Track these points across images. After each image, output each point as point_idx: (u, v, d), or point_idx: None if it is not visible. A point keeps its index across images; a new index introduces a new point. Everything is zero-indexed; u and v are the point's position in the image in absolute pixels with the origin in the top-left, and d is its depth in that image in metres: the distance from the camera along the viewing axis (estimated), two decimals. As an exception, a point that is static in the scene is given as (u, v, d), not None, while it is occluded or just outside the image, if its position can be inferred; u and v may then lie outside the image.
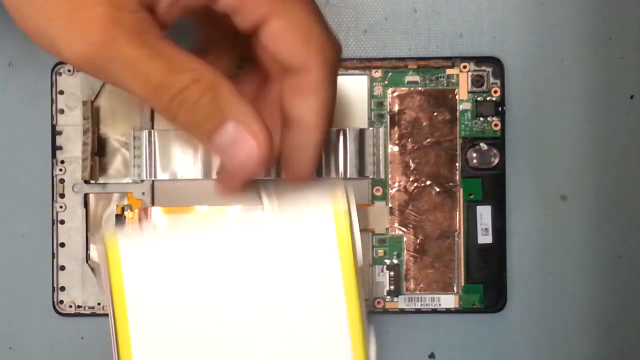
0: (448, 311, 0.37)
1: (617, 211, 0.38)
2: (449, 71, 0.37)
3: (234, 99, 0.24)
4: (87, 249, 0.37)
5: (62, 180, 0.37)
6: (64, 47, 0.24)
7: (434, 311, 0.37)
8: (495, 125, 0.37)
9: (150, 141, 0.37)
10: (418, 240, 0.37)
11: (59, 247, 0.37)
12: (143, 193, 0.37)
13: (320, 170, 0.37)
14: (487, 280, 0.37)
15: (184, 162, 0.37)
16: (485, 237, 0.37)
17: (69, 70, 0.37)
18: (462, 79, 0.37)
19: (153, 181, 0.37)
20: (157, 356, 0.28)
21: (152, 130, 0.37)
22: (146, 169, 0.36)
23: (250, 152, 0.25)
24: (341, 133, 0.37)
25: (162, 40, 0.24)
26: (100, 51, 0.23)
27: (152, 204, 0.37)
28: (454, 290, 0.37)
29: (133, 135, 0.36)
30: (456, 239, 0.37)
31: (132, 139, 0.36)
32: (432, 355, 0.38)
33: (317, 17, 0.26)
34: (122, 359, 0.27)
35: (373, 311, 0.37)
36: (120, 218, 0.37)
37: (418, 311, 0.37)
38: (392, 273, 0.37)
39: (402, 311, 0.37)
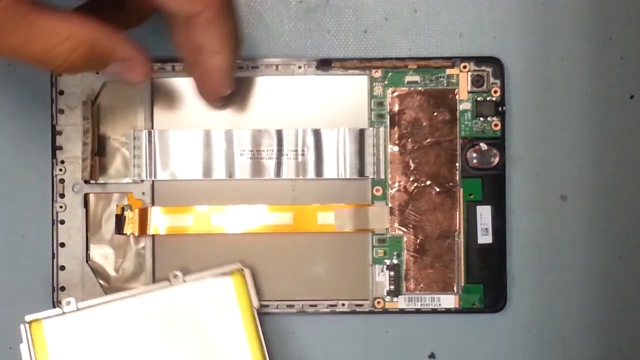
0: (448, 311, 0.37)
1: (617, 211, 0.38)
2: (449, 71, 0.37)
3: (109, 46, 0.30)
4: (87, 249, 0.37)
5: (62, 180, 0.37)
6: None
7: (434, 311, 0.37)
8: (495, 125, 0.37)
9: (150, 141, 0.37)
10: (418, 240, 0.37)
11: (59, 247, 0.37)
12: (143, 193, 0.37)
13: (321, 169, 0.37)
14: (487, 280, 0.37)
15: (184, 162, 0.37)
16: (485, 237, 0.37)
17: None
18: (462, 79, 0.37)
19: (153, 181, 0.37)
20: None
21: (152, 130, 0.37)
22: (146, 169, 0.37)
23: (133, 76, 0.32)
24: (341, 133, 0.37)
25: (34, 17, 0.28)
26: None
27: (152, 204, 0.37)
28: (454, 290, 0.37)
29: (133, 135, 0.36)
30: (456, 239, 0.37)
31: (132, 139, 0.37)
32: (432, 355, 0.38)
33: None
34: None
35: (373, 311, 0.37)
36: (120, 218, 0.37)
37: (418, 311, 0.37)
38: (392, 273, 0.37)
39: (402, 311, 0.37)
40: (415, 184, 0.37)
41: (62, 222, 0.37)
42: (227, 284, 0.35)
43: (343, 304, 0.37)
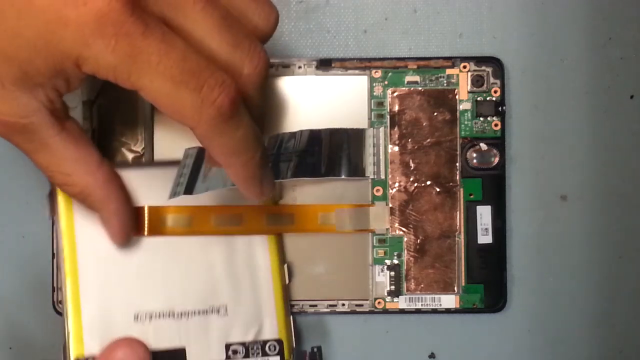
0: (448, 311, 0.37)
1: (617, 211, 0.38)
2: (449, 71, 0.37)
3: (97, 205, 0.32)
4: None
5: (62, 181, 0.37)
6: None
7: (434, 311, 0.37)
8: (495, 125, 0.37)
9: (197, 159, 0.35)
10: (418, 241, 0.37)
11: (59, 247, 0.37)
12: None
13: (321, 170, 0.36)
14: (487, 280, 0.37)
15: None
16: (485, 237, 0.37)
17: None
18: (462, 79, 0.37)
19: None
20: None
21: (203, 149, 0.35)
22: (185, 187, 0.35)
23: (108, 235, 0.33)
24: (341, 133, 0.37)
25: (51, 139, 0.30)
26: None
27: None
28: (454, 290, 0.37)
29: (187, 154, 0.34)
30: (456, 239, 0.37)
31: (185, 158, 0.34)
32: (432, 356, 0.38)
33: (181, 78, 0.27)
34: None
35: (373, 311, 0.37)
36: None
37: (418, 311, 0.37)
38: (392, 273, 0.37)
39: (402, 311, 0.37)
40: (416, 184, 0.37)
41: (62, 222, 0.37)
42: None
43: (343, 304, 0.37)
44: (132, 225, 0.33)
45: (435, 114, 0.37)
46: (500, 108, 0.37)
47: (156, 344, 0.34)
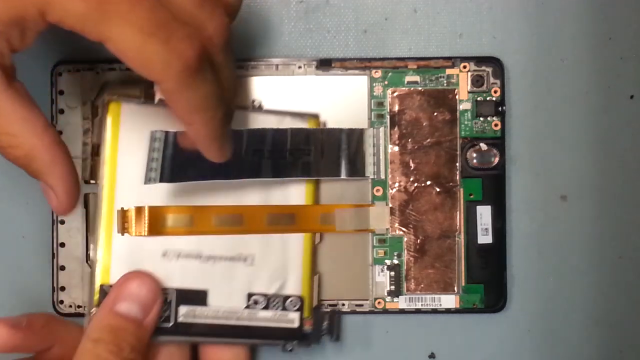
0: (448, 311, 0.37)
1: (617, 211, 0.38)
2: (448, 71, 0.37)
3: (43, 169, 0.30)
4: (87, 249, 0.37)
5: (62, 180, 0.37)
6: None
7: (434, 311, 0.37)
8: (495, 125, 0.37)
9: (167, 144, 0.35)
10: (418, 241, 0.37)
11: (59, 247, 0.37)
12: (143, 193, 0.37)
13: (322, 170, 0.36)
14: (487, 281, 0.37)
15: (183, 163, 0.36)
16: (485, 237, 0.37)
17: (69, 71, 0.37)
18: (462, 79, 0.37)
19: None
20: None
21: (172, 132, 0.35)
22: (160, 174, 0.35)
23: (51, 204, 0.31)
24: (341, 133, 0.37)
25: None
26: None
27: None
28: (454, 290, 0.37)
29: (154, 137, 0.35)
30: (457, 239, 0.37)
31: (152, 141, 0.35)
32: (432, 356, 0.38)
33: (150, 29, 0.27)
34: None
35: (373, 311, 0.37)
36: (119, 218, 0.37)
37: (418, 311, 0.37)
38: (392, 273, 0.37)
39: (403, 311, 0.37)
40: (416, 184, 0.37)
41: (62, 222, 0.37)
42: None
43: (343, 304, 0.37)
44: (77, 193, 0.32)
45: (435, 114, 0.37)
46: (500, 108, 0.37)
47: (180, 283, 0.34)
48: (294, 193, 0.36)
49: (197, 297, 0.35)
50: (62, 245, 0.37)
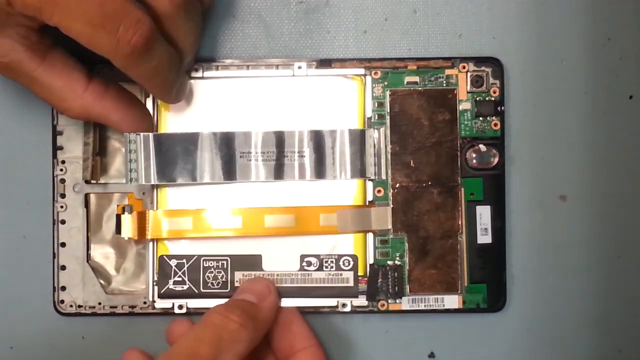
0: (447, 311, 0.37)
1: (616, 211, 0.38)
2: (448, 71, 0.37)
3: (101, 119, 0.35)
4: (88, 248, 0.37)
5: (62, 180, 0.37)
6: None
7: (434, 311, 0.37)
8: (495, 125, 0.37)
9: (145, 144, 0.36)
10: (420, 241, 0.37)
11: (60, 247, 0.37)
12: (144, 193, 0.37)
13: (322, 171, 0.36)
14: (487, 280, 0.37)
15: (183, 164, 0.36)
16: (484, 237, 0.37)
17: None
18: (462, 79, 0.37)
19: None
20: None
21: (148, 134, 0.36)
22: (142, 173, 0.36)
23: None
24: (342, 134, 0.37)
25: (35, 73, 0.33)
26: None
27: (152, 203, 0.37)
28: (457, 291, 0.37)
29: (128, 139, 0.35)
30: (458, 239, 0.37)
31: (128, 143, 0.35)
32: (431, 355, 0.38)
33: (98, 20, 0.30)
34: None
35: (373, 311, 0.37)
36: (120, 219, 0.37)
37: (420, 311, 0.37)
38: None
39: (405, 312, 0.37)
40: (417, 185, 0.37)
41: (63, 222, 0.37)
42: (351, 85, 0.37)
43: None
44: (145, 119, 0.36)
45: (435, 114, 0.37)
46: (499, 108, 0.37)
47: (235, 250, 0.36)
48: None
49: (253, 262, 0.36)
50: (63, 245, 0.37)
